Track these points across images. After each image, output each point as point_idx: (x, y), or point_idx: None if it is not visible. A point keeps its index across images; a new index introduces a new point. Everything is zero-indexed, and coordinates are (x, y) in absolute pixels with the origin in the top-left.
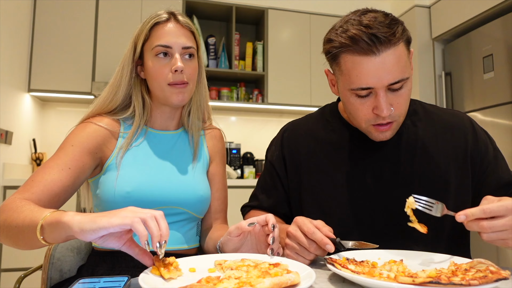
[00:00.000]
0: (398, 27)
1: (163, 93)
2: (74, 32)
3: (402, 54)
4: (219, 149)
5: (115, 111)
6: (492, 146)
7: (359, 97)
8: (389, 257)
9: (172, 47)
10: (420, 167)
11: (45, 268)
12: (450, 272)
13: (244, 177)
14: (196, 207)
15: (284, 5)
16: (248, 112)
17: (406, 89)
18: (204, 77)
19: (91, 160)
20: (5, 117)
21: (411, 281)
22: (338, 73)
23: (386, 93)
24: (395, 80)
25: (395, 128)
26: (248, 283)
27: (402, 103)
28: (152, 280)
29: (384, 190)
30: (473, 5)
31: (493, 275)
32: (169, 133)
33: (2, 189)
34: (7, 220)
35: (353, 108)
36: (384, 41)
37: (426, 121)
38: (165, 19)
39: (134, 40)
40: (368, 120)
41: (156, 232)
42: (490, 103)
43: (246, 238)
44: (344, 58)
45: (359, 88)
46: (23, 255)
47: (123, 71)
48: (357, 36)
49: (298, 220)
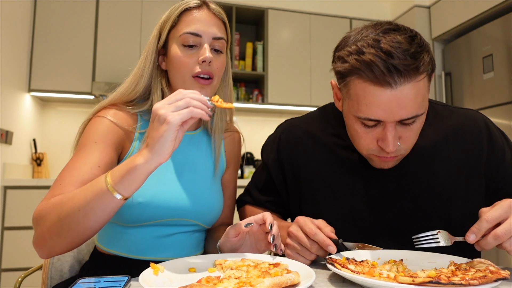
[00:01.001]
0: (424, 56)
1: (184, 86)
2: (74, 32)
3: (422, 89)
4: (235, 154)
5: (133, 102)
6: (510, 150)
7: (365, 126)
8: (389, 257)
9: (202, 35)
10: (426, 179)
11: (45, 268)
12: (450, 272)
13: (244, 177)
14: (208, 220)
15: (284, 5)
16: (248, 112)
17: (419, 123)
18: (231, 76)
19: (116, 155)
20: (5, 117)
21: (410, 281)
22: (345, 95)
23: (395, 127)
24: (408, 116)
25: (399, 159)
26: (248, 283)
27: (411, 138)
28: (152, 280)
29: (388, 203)
30: (473, 5)
31: (493, 275)
32: (188, 134)
33: (2, 189)
34: (61, 219)
35: (356, 134)
36: (405, 74)
37: (436, 126)
38: (196, 5)
39: (160, 26)
40: (371, 149)
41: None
42: (490, 103)
43: (245, 238)
44: (354, 82)
45: (367, 118)
46: (23, 255)
47: (146, 60)
48: (373, 63)
49: (300, 220)
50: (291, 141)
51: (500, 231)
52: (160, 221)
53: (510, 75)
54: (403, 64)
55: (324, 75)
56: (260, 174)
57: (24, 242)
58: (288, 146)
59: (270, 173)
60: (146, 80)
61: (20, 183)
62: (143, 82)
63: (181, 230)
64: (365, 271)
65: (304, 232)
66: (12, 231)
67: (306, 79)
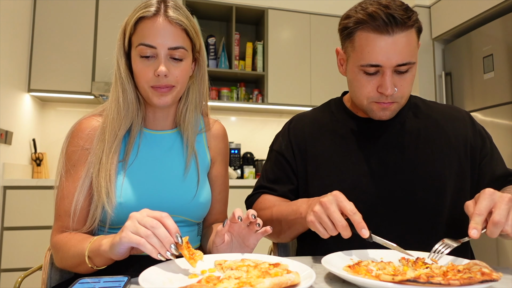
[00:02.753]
0: (414, 14)
1: (146, 94)
2: (74, 32)
3: (412, 40)
4: (221, 149)
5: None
6: (489, 140)
7: (367, 74)
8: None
9: (156, 47)
10: (423, 152)
11: (45, 268)
12: (442, 273)
13: (244, 177)
14: (194, 214)
15: (284, 5)
16: (248, 112)
17: (411, 74)
18: (205, 73)
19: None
20: (5, 117)
21: (390, 279)
22: (350, 49)
23: (392, 73)
24: (403, 61)
25: (395, 109)
26: (248, 283)
27: (406, 86)
28: (152, 280)
29: (389, 175)
30: (473, 5)
31: (483, 276)
32: (165, 133)
33: (2, 189)
34: (63, 258)
35: (359, 84)
36: (400, 23)
37: (427, 113)
38: (152, 14)
39: (122, 30)
40: (371, 97)
41: (165, 240)
42: (490, 103)
43: (232, 242)
44: (359, 35)
45: (369, 64)
46: (23, 255)
47: (119, 70)
48: (376, 13)
49: (338, 194)
50: (299, 126)
51: (497, 217)
52: None
53: (510, 75)
54: (398, 14)
55: (324, 75)
56: (272, 167)
57: (24, 242)
58: (296, 130)
59: (285, 156)
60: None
61: (20, 183)
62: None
63: None
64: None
65: (339, 207)
66: (12, 231)
67: (306, 79)
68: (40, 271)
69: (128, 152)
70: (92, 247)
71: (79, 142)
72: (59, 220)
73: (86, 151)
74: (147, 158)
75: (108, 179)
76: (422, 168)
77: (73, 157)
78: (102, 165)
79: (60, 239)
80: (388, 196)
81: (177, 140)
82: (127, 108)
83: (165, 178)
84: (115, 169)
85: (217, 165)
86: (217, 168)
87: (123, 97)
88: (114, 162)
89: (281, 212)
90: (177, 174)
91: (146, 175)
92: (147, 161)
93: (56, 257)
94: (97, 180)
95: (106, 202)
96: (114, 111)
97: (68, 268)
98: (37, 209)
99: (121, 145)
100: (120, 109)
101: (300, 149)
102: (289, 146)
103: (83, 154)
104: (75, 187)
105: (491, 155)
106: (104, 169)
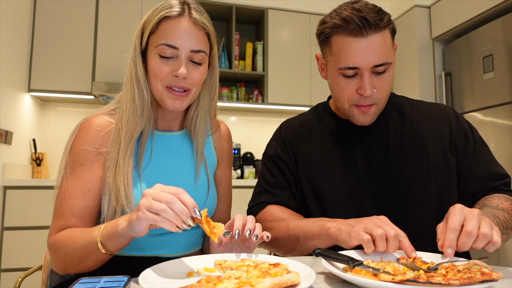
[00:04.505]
0: (386, 15)
1: (160, 95)
2: (74, 32)
3: (387, 40)
4: (226, 150)
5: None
6: (474, 139)
7: (346, 77)
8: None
9: (179, 48)
10: (408, 151)
11: (45, 268)
12: (442, 273)
13: (244, 177)
14: None
15: (284, 5)
16: (248, 112)
17: (389, 74)
18: (217, 79)
19: (102, 169)
20: (5, 117)
21: (390, 279)
22: (328, 54)
23: (370, 75)
24: (379, 62)
25: (375, 112)
26: (248, 283)
27: (384, 87)
28: (152, 280)
29: (375, 173)
30: (473, 5)
31: (483, 276)
32: (174, 135)
33: (2, 189)
34: (67, 254)
35: (339, 88)
36: (373, 25)
37: (412, 112)
38: (176, 14)
39: (141, 29)
40: (351, 100)
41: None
42: (490, 103)
43: (231, 243)
44: (335, 40)
45: (346, 67)
46: (23, 255)
47: (136, 69)
48: (349, 18)
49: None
50: (289, 129)
51: (469, 228)
52: None
53: (510, 75)
54: (371, 16)
55: None
56: (270, 172)
57: (24, 242)
58: (287, 134)
59: (283, 159)
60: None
61: (20, 183)
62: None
63: None
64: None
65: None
66: (12, 231)
67: (306, 79)
68: (40, 271)
69: (141, 155)
70: (105, 231)
71: (87, 141)
72: (60, 219)
73: (95, 150)
74: (159, 162)
75: (126, 183)
76: (407, 167)
77: (80, 155)
78: (119, 168)
79: (61, 235)
80: (375, 196)
81: (185, 141)
82: (142, 109)
83: (178, 183)
84: (131, 172)
85: (222, 166)
86: (222, 169)
87: (139, 97)
88: (131, 165)
89: (301, 227)
90: (188, 179)
91: (160, 180)
92: (159, 165)
93: (55, 257)
94: (115, 184)
95: (126, 205)
96: (130, 112)
97: (71, 266)
98: (37, 209)
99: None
100: (136, 109)
101: (292, 152)
102: (284, 149)
103: (91, 153)
104: (83, 187)
105: (472, 155)
106: (121, 172)
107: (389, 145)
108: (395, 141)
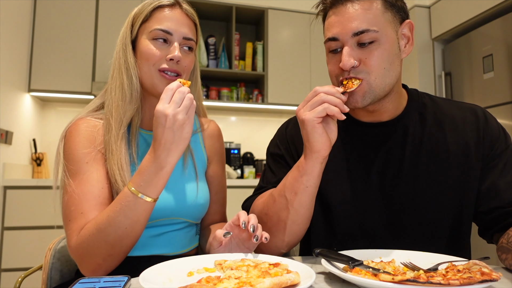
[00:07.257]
0: None
1: (151, 80)
2: (74, 32)
3: (373, 7)
4: (217, 149)
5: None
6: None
7: (331, 52)
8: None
9: (172, 34)
10: (425, 166)
11: (45, 268)
12: (441, 273)
13: (244, 177)
14: (194, 215)
15: (284, 5)
16: (248, 112)
17: (378, 46)
18: (198, 75)
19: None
20: (5, 117)
21: (390, 279)
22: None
23: (352, 46)
24: (358, 29)
25: (367, 92)
26: (248, 283)
27: (372, 60)
28: (152, 280)
29: (388, 187)
30: (473, 5)
31: (482, 276)
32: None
33: (2, 189)
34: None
35: (328, 66)
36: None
37: (435, 116)
38: (169, 3)
39: (131, 19)
40: (338, 75)
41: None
42: (490, 103)
43: (231, 243)
44: (326, 20)
45: (328, 39)
46: (23, 255)
47: (125, 55)
48: None
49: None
50: (296, 131)
51: None
52: (150, 222)
53: (510, 75)
54: None
55: (324, 75)
56: (271, 170)
57: (24, 242)
58: (294, 136)
59: (285, 157)
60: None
61: (20, 183)
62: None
63: (172, 229)
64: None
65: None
66: (12, 231)
67: (306, 79)
68: (40, 271)
69: (132, 145)
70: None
71: (82, 143)
72: (76, 221)
73: (92, 151)
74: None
75: (120, 167)
76: (422, 184)
77: (78, 157)
78: (112, 153)
79: (86, 230)
80: (387, 208)
81: None
82: (131, 94)
83: (172, 179)
84: (124, 156)
85: (213, 165)
86: (213, 168)
87: (128, 83)
88: (123, 149)
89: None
90: (176, 168)
91: None
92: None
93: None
94: (110, 167)
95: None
96: (119, 98)
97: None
98: (37, 209)
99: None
100: (125, 95)
101: (298, 155)
102: (288, 149)
103: (88, 154)
104: (93, 185)
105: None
106: (115, 157)
107: (405, 157)
108: (412, 153)
